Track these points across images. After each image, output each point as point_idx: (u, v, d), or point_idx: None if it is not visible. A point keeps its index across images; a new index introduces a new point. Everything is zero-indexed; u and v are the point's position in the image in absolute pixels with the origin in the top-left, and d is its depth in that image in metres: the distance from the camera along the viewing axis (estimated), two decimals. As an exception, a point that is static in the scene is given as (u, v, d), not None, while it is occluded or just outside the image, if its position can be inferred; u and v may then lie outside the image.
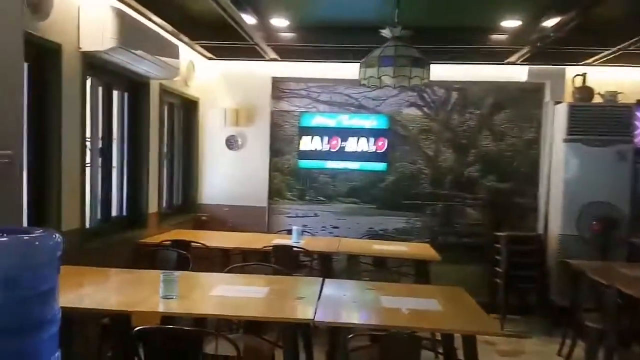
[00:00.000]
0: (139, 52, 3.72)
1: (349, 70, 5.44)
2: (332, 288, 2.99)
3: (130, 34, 3.57)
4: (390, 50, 3.12)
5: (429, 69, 3.27)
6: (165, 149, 5.12)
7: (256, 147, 5.74)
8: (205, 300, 2.59)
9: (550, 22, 3.99)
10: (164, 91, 4.83)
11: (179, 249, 3.99)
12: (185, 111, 5.58)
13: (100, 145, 3.98)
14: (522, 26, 4.36)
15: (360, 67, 3.29)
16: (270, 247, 4.17)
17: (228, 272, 3.32)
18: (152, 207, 4.62)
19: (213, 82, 5.76)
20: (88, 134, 3.83)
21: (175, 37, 4.82)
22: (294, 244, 4.41)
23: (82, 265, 3.25)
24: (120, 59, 3.74)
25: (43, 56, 3.16)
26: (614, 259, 4.61)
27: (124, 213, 4.35)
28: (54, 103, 3.21)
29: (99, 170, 3.97)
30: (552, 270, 5.08)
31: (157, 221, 4.71)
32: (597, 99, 5.09)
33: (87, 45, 3.45)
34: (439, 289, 3.09)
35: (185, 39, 4.95)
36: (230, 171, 5.76)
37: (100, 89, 3.96)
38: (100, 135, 3.96)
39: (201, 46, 5.22)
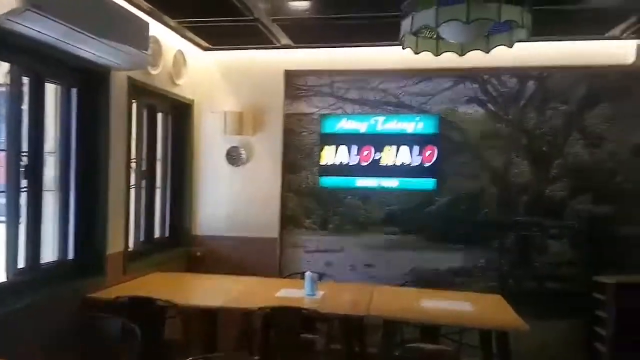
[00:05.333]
0: (70, 23, 2.50)
1: (386, 55, 4.15)
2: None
3: (50, -7, 2.35)
4: (457, -24, 1.70)
5: (530, 12, 1.83)
6: (142, 166, 3.90)
7: (265, 162, 4.44)
8: None
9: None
10: (137, 88, 3.62)
11: (134, 311, 2.72)
12: (175, 116, 4.36)
13: (25, 162, 2.77)
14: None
15: (404, 15, 1.89)
16: (270, 309, 2.82)
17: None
18: (115, 245, 3.37)
19: (210, 78, 4.53)
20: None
21: (155, 18, 3.65)
22: (307, 300, 3.08)
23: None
24: (45, 35, 2.53)
25: None
26: None
27: (69, 256, 3.12)
28: None
29: (23, 196, 2.75)
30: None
31: (122, 264, 3.46)
32: None
33: (-22, 9, 2.26)
34: None
35: (170, 20, 3.76)
36: (232, 193, 4.48)
37: (26, 80, 2.77)
38: (24, 147, 2.76)
39: (191, 30, 4.00)
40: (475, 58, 2.68)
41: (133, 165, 3.68)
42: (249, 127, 4.39)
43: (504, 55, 2.74)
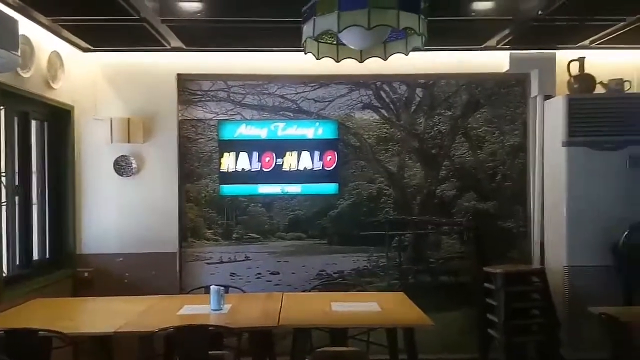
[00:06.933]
0: None
1: (283, 61, 4.14)
2: None
3: None
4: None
5: (426, 20, 1.92)
6: (15, 181, 3.45)
7: (159, 171, 4.17)
8: None
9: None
10: (6, 93, 3.20)
11: (13, 346, 2.37)
12: (52, 124, 3.93)
13: None
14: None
15: (305, 20, 1.87)
16: (173, 329, 2.61)
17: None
18: (-16, 272, 2.93)
19: (93, 82, 4.15)
20: None
21: (25, 15, 3.27)
22: (213, 315, 2.92)
23: None
24: None
25: None
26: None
27: None
28: None
29: None
30: (562, 316, 3.88)
31: (-6, 293, 3.02)
32: (598, 90, 4.04)
33: None
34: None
35: (42, 18, 3.37)
36: (122, 205, 4.14)
37: None
38: None
39: (68, 29, 3.64)
40: (368, 65, 2.70)
41: (3, 179, 3.24)
42: (138, 135, 4.09)
43: (394, 63, 2.81)
